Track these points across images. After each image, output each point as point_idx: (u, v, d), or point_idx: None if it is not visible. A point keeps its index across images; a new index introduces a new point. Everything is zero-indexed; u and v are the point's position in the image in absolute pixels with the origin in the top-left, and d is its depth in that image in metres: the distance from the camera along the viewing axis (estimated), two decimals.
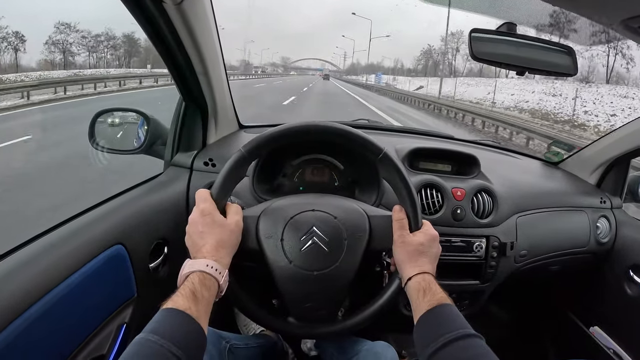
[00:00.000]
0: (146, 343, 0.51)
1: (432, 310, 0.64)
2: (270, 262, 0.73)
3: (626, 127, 1.26)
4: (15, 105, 10.63)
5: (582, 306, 1.40)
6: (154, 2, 0.72)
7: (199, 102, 1.06)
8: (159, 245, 0.92)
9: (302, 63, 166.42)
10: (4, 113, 9.77)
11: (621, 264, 1.26)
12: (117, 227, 0.80)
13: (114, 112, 1.11)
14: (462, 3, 0.98)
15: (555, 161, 1.52)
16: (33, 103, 11.18)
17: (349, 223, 0.75)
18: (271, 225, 0.74)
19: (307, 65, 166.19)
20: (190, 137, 1.09)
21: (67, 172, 4.74)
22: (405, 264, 0.72)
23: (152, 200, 0.94)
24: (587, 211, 1.27)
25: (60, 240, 0.70)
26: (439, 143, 1.41)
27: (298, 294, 0.74)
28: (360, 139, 0.76)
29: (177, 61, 0.91)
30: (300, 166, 1.09)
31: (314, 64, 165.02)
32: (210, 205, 0.70)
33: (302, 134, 0.77)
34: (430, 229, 0.76)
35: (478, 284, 1.13)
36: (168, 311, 0.56)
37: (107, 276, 0.74)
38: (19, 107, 10.54)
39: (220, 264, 0.65)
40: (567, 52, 0.89)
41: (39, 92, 12.30)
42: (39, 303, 0.59)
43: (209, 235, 0.67)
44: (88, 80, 16.34)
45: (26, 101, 11.21)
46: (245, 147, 0.73)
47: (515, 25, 0.87)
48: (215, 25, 0.93)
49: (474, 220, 1.08)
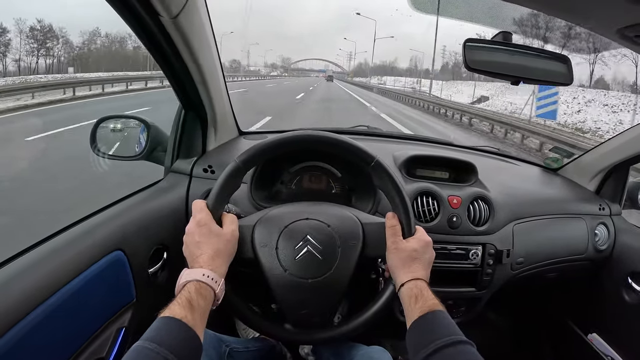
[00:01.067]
0: (143, 351, 0.53)
1: (423, 317, 0.65)
2: (266, 270, 0.74)
3: (626, 133, 1.26)
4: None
5: (580, 313, 1.40)
6: (150, 16, 0.73)
7: (198, 109, 1.07)
8: (159, 251, 0.93)
9: (305, 64, 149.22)
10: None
11: (620, 271, 1.25)
12: (117, 233, 0.81)
13: (115, 119, 1.13)
14: (455, 13, 0.98)
15: (554, 167, 1.52)
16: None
17: (342, 231, 0.76)
18: (266, 234, 0.76)
19: (310, 66, 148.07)
20: (190, 144, 1.11)
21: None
22: (398, 270, 0.73)
23: (152, 207, 0.95)
24: (585, 218, 1.27)
25: (62, 245, 0.72)
26: (437, 150, 1.41)
27: (293, 301, 0.75)
28: (352, 147, 0.77)
29: (176, 71, 0.93)
30: (298, 173, 1.10)
31: (317, 65, 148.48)
32: (207, 215, 0.71)
33: (296, 144, 0.78)
34: (424, 235, 0.77)
35: (474, 292, 1.13)
36: (165, 319, 0.58)
37: (107, 281, 0.76)
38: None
39: (217, 273, 0.66)
40: (562, 61, 0.89)
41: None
42: (41, 307, 0.61)
43: (205, 245, 0.69)
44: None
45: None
46: (240, 157, 0.75)
47: (510, 34, 0.86)
48: (212, 35, 0.94)
49: (470, 228, 1.09)
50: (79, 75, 23.49)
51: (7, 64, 31.37)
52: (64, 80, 17.00)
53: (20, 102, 10.90)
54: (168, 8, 0.72)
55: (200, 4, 0.83)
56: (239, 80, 37.74)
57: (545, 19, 5.50)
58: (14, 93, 11.40)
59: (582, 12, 0.68)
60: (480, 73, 0.87)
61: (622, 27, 0.64)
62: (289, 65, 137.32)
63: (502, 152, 1.64)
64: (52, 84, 14.00)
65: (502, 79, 0.89)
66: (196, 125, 1.11)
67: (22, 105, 10.56)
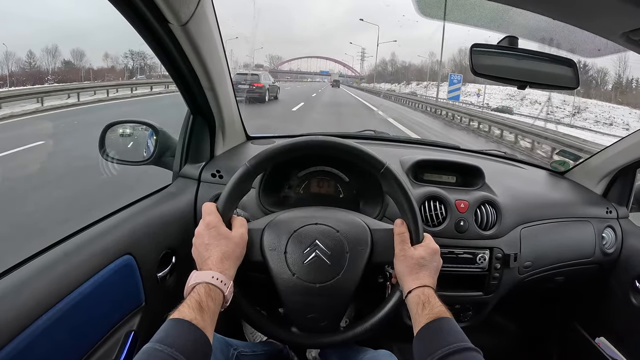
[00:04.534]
0: (153, 352, 0.54)
1: (430, 324, 0.66)
2: (274, 274, 0.75)
3: (633, 136, 1.26)
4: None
5: (587, 317, 1.39)
6: (160, 24, 0.74)
7: (207, 114, 1.08)
8: (167, 255, 0.94)
9: (302, 64, 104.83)
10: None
11: (627, 274, 1.25)
12: (126, 237, 0.82)
13: (123, 124, 1.15)
14: (462, 18, 0.99)
15: (561, 171, 1.51)
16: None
17: (351, 236, 0.77)
18: (275, 238, 0.76)
19: (307, 66, 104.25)
20: (198, 149, 1.12)
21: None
22: (406, 277, 0.73)
23: (160, 211, 0.96)
24: (592, 221, 1.27)
25: (72, 250, 0.73)
26: (444, 154, 1.42)
27: (301, 305, 0.75)
28: (362, 153, 0.78)
29: (184, 77, 0.94)
30: (306, 178, 1.11)
31: (314, 64, 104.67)
32: (216, 218, 0.72)
33: (306, 149, 0.79)
34: (432, 243, 0.77)
35: (481, 295, 1.13)
36: (175, 321, 0.59)
37: (116, 285, 0.77)
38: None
39: (226, 276, 0.67)
40: (568, 65, 0.89)
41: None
42: (51, 310, 0.62)
43: (214, 248, 0.70)
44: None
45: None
46: (251, 161, 0.76)
47: (516, 39, 0.87)
48: (221, 42, 0.95)
49: (477, 232, 1.09)
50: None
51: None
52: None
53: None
54: (177, 15, 0.73)
55: (209, 11, 0.84)
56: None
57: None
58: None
59: (588, 16, 0.69)
60: (487, 78, 0.87)
61: (627, 30, 0.65)
62: (277, 66, 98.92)
63: (509, 155, 1.64)
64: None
65: (508, 83, 0.89)
66: (204, 130, 1.12)
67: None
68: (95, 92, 14.75)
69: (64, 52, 35.94)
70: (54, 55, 35.04)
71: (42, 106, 10.68)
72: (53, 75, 28.02)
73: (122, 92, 16.28)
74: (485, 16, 0.88)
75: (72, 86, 15.00)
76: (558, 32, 0.91)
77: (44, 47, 32.74)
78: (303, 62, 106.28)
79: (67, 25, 70.94)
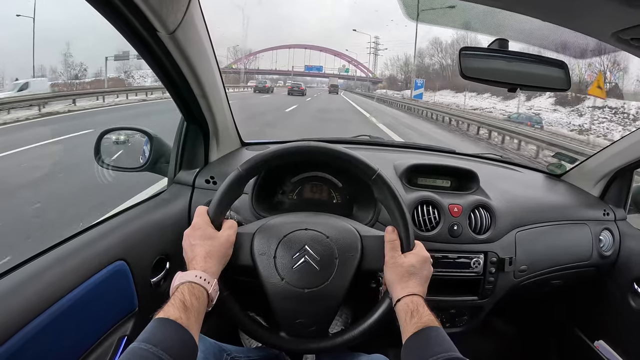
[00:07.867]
0: (139, 351, 0.54)
1: (418, 333, 0.65)
2: (263, 278, 0.75)
3: (629, 137, 1.25)
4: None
5: (586, 320, 1.38)
6: (148, 32, 0.75)
7: (200, 121, 1.09)
8: (161, 261, 0.94)
9: (281, 59, 65.21)
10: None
11: (625, 276, 1.24)
12: (120, 243, 0.83)
13: (118, 131, 1.16)
14: (453, 21, 0.99)
15: (558, 173, 1.51)
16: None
17: (341, 242, 0.77)
18: (265, 243, 0.77)
19: (290, 66, 63.75)
20: (192, 155, 1.12)
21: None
22: (395, 285, 0.73)
23: (154, 217, 0.97)
24: (589, 224, 1.26)
25: (65, 255, 0.73)
26: (439, 158, 1.41)
27: (289, 310, 0.76)
28: (354, 160, 0.78)
29: (176, 85, 0.94)
30: (299, 183, 1.11)
31: (301, 58, 64.55)
32: (202, 219, 0.74)
33: (298, 155, 0.79)
34: (422, 251, 0.77)
35: (476, 300, 1.12)
36: (160, 321, 0.60)
37: (109, 291, 0.78)
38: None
39: (208, 273, 0.68)
40: (559, 66, 0.89)
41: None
42: (43, 315, 0.63)
43: (198, 248, 0.71)
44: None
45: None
46: (243, 166, 0.76)
47: (507, 41, 0.86)
48: (211, 49, 0.96)
49: (471, 237, 1.08)
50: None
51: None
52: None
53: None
54: (165, 24, 0.74)
55: (197, 19, 0.84)
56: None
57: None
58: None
59: (577, 16, 0.69)
60: (476, 81, 0.87)
61: (617, 30, 0.65)
62: (235, 62, 59.09)
63: (504, 159, 1.64)
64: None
65: (498, 86, 0.89)
66: (198, 137, 1.12)
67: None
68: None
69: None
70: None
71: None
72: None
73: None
74: (475, 18, 0.89)
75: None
76: (548, 34, 0.91)
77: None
78: (283, 56, 65.87)
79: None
